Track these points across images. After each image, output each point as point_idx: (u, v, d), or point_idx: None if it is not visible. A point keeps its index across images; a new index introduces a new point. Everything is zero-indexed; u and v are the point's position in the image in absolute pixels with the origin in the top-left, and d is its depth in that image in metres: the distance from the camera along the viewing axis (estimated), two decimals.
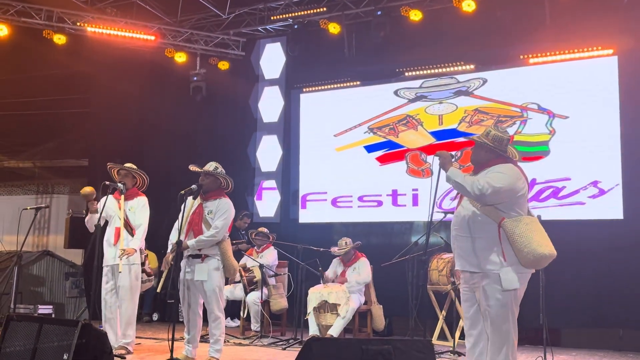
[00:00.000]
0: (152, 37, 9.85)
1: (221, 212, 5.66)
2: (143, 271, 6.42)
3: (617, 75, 7.83)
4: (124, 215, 6.25)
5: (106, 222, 6.35)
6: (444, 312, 7.56)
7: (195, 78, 10.26)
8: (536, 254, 4.05)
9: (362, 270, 7.46)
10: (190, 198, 5.68)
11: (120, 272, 6.15)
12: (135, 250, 6.23)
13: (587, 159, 7.89)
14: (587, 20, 7.93)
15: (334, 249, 7.62)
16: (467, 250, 4.27)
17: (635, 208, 7.50)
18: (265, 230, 8.40)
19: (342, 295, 7.13)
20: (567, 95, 8.13)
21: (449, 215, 6.01)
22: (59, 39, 9.62)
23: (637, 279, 7.28)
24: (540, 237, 4.13)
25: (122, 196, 6.29)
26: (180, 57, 10.11)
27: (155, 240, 8.25)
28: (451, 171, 4.27)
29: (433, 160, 4.43)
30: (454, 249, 4.45)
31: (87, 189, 6.37)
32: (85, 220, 6.34)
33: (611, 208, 7.66)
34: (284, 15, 9.74)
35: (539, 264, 4.16)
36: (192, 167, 5.82)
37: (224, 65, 10.26)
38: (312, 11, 9.52)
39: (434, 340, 7.19)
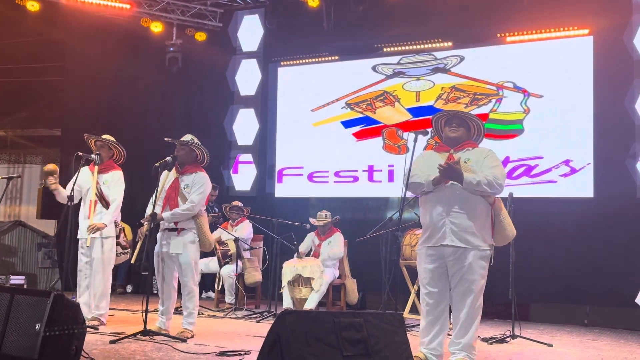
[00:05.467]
0: (128, 6, 9.67)
1: (197, 185, 5.64)
2: (118, 244, 6.39)
3: (592, 56, 7.92)
4: (98, 188, 6.19)
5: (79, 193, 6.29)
6: (415, 287, 7.65)
7: (171, 49, 10.12)
8: (512, 234, 4.48)
9: (336, 245, 7.55)
10: (165, 171, 5.65)
11: (87, 245, 6.13)
12: (105, 225, 6.17)
13: (559, 138, 8.00)
14: (563, 0, 7.99)
15: (313, 221, 7.66)
16: (462, 227, 4.32)
17: (605, 187, 7.64)
18: (239, 204, 8.41)
19: (316, 269, 7.19)
20: (542, 74, 8.20)
21: None
22: (32, 6, 9.39)
23: (605, 257, 7.44)
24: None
25: (96, 168, 6.23)
26: (157, 27, 9.93)
27: (131, 212, 8.22)
28: (465, 182, 4.26)
29: (409, 137, 4.49)
30: (441, 225, 4.37)
31: (50, 166, 6.22)
32: (57, 198, 6.24)
33: (582, 187, 7.79)
34: None
35: (506, 243, 4.55)
36: (167, 139, 5.78)
37: (200, 37, 10.11)
38: None
39: (406, 314, 7.31)
